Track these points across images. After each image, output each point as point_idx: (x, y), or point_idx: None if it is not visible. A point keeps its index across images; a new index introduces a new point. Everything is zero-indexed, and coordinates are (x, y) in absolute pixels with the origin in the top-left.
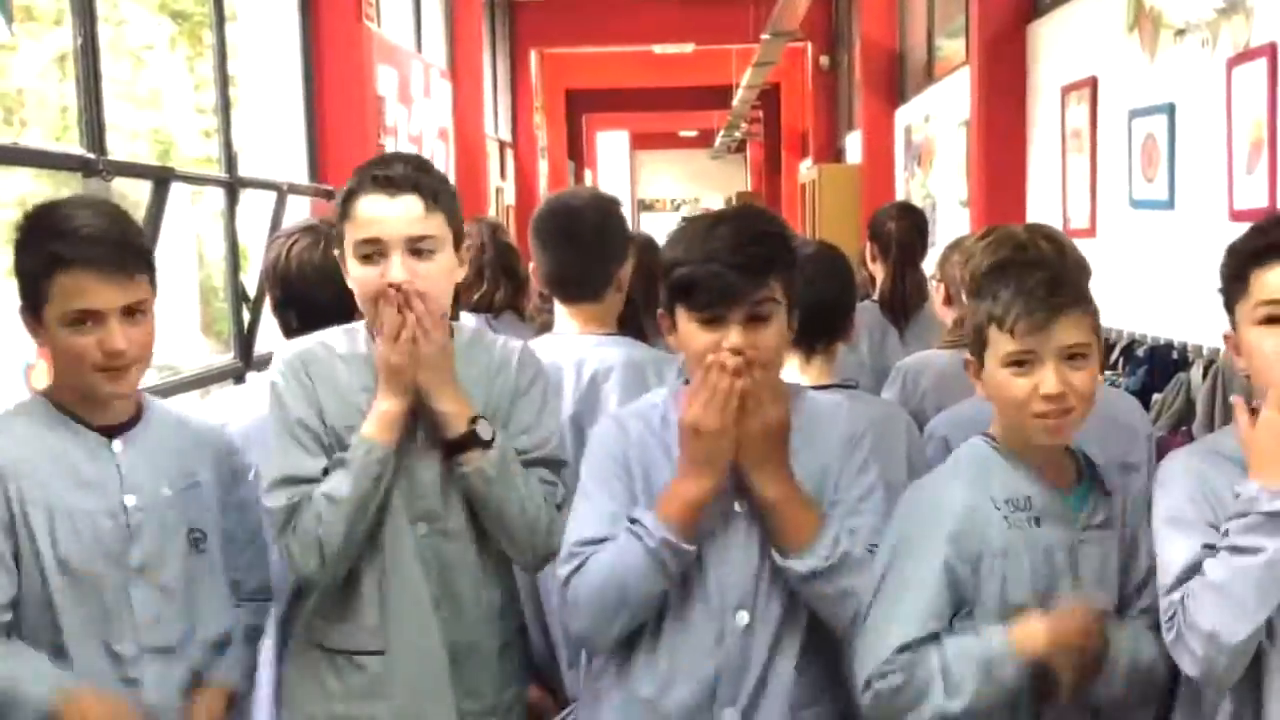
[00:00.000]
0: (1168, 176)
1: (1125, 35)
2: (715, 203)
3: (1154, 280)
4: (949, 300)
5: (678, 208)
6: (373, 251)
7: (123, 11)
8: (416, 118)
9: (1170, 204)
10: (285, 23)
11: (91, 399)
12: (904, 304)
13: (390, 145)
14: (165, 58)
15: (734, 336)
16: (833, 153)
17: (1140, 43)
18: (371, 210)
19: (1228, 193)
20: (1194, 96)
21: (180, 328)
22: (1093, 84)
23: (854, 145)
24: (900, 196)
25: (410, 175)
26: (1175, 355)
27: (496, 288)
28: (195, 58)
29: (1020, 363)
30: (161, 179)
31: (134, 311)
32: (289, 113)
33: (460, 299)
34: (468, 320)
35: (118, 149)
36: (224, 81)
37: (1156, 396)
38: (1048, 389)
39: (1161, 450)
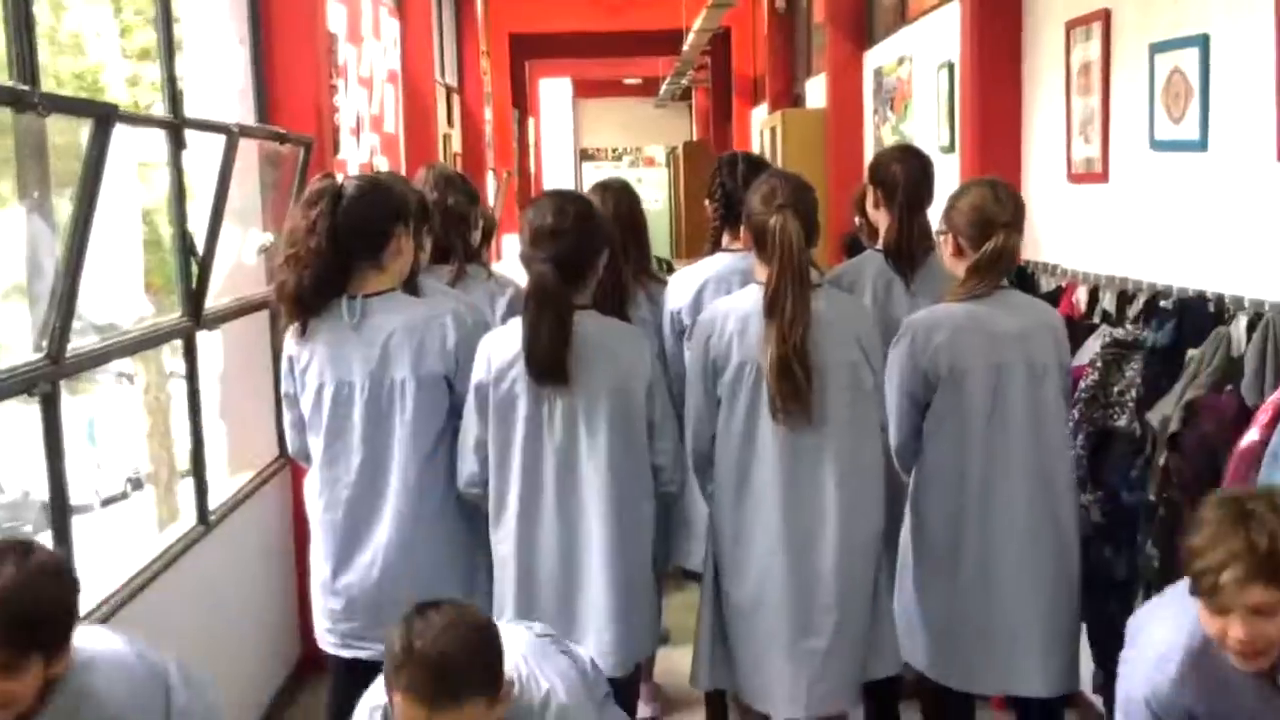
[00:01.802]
0: (1199, 115)
1: None
2: (658, 153)
3: (1181, 227)
4: (959, 251)
5: (619, 157)
6: None
7: None
8: (366, 58)
9: (1202, 144)
10: None
11: None
12: (911, 253)
13: (340, 87)
14: (84, 2)
15: None
16: (790, 98)
17: None
18: None
19: (1277, 132)
20: (1232, 27)
21: (123, 284)
22: (1105, 16)
23: (815, 90)
24: (870, 142)
25: None
26: (1211, 308)
27: (449, 241)
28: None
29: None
30: (103, 117)
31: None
32: (235, 52)
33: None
34: (434, 285)
35: None
36: (166, 14)
37: (1192, 352)
38: (1235, 637)
39: (1202, 411)
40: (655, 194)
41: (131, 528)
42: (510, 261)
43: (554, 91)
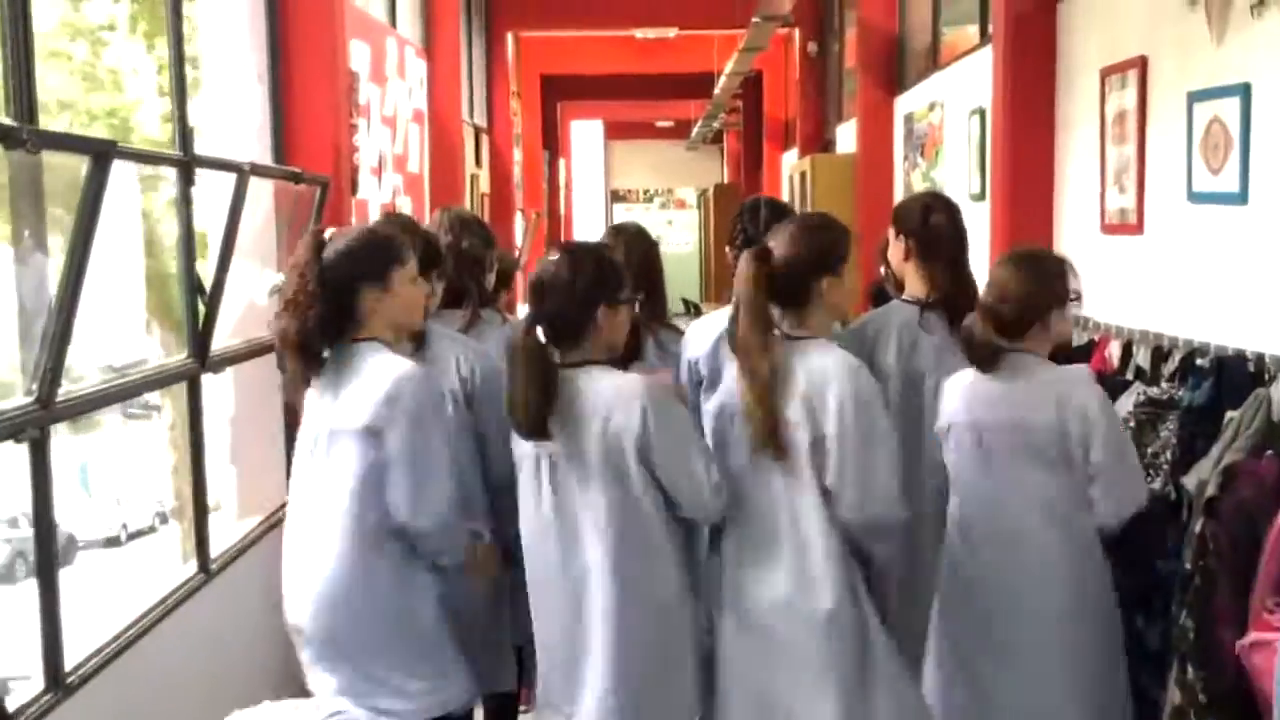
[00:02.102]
0: (1239, 167)
1: (1184, 10)
2: (689, 195)
3: (1220, 282)
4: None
5: (650, 199)
6: None
7: None
8: (390, 98)
9: (1242, 197)
10: None
11: None
12: (970, 303)
13: (363, 126)
14: (125, 38)
15: None
16: (821, 143)
17: (1206, 18)
18: None
19: None
20: (1275, 76)
21: (125, 325)
22: (1141, 64)
23: (845, 135)
24: (900, 188)
25: None
26: (1250, 368)
27: (463, 285)
28: (158, 36)
29: None
30: (101, 154)
31: None
32: (254, 90)
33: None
34: (440, 331)
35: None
36: (179, 51)
37: (1231, 413)
38: None
39: (1241, 475)
40: (686, 236)
41: (155, 562)
42: None
43: (585, 133)
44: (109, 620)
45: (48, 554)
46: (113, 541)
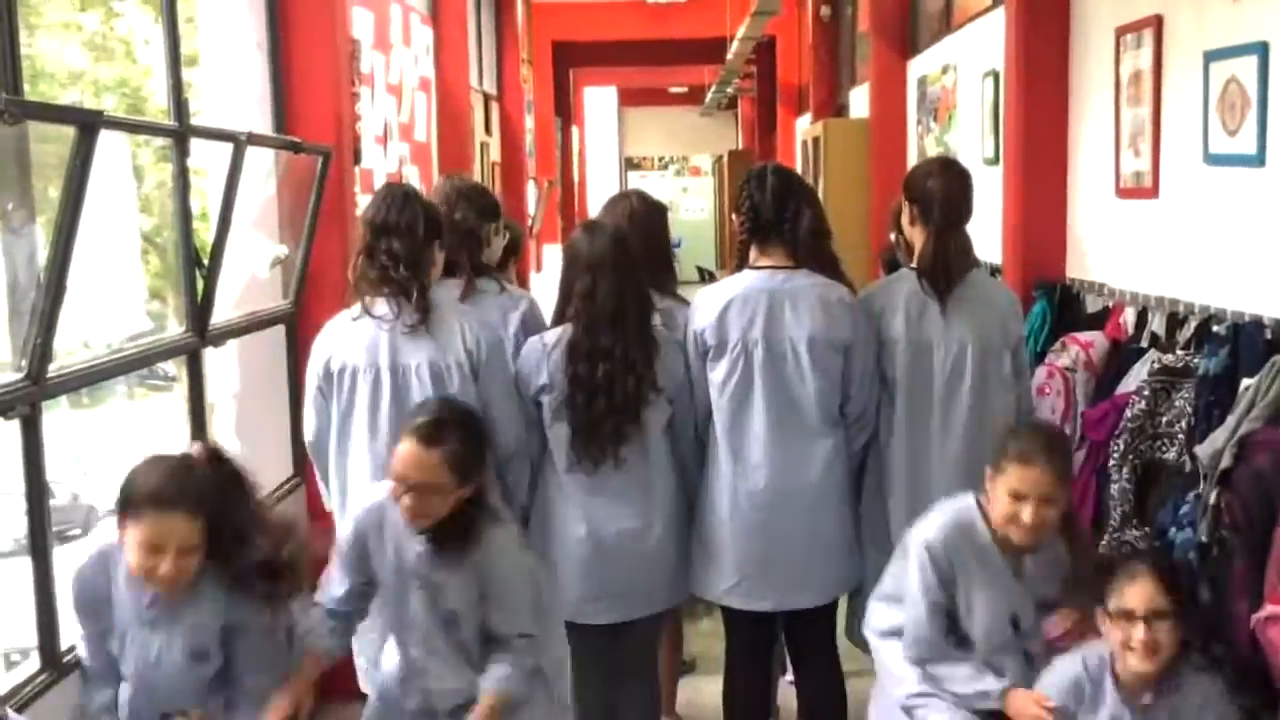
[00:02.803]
0: (1257, 128)
1: None
2: (704, 162)
3: (1236, 247)
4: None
5: (665, 166)
6: None
7: None
8: (395, 66)
9: (1260, 159)
10: None
11: None
12: (947, 273)
13: (365, 95)
14: (136, 8)
15: None
16: (834, 108)
17: None
18: None
19: None
20: None
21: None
22: (1157, 23)
23: (858, 100)
24: (913, 152)
25: None
26: (1268, 334)
27: (457, 253)
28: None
29: None
30: (87, 125)
31: None
32: (254, 59)
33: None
34: (444, 298)
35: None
36: (172, 20)
37: (1246, 381)
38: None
39: (1257, 446)
40: (701, 203)
41: None
42: (550, 271)
43: (599, 100)
44: None
45: (40, 532)
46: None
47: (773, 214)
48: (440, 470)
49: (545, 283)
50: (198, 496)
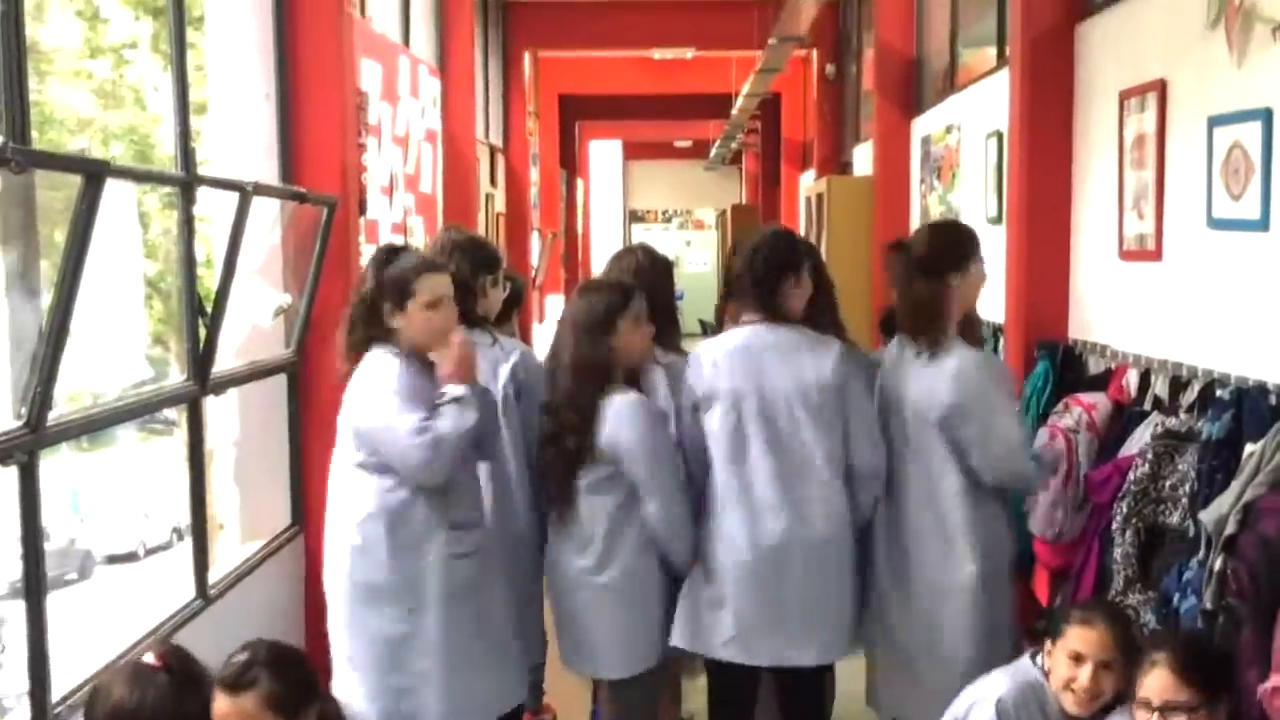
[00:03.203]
0: (1261, 193)
1: (1204, 33)
2: (708, 216)
3: (1240, 311)
4: None
5: (669, 219)
6: None
7: (103, 9)
8: (402, 117)
9: (1263, 224)
10: (260, 8)
11: None
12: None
13: (372, 145)
14: (147, 56)
15: None
16: (838, 165)
17: (1226, 41)
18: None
19: None
20: None
21: (122, 345)
22: (1161, 87)
23: (862, 157)
24: (916, 210)
25: None
26: (1272, 400)
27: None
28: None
29: None
30: (93, 174)
31: None
32: (262, 110)
33: None
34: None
35: (96, 152)
36: (181, 68)
37: (1250, 447)
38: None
39: (1262, 512)
40: (704, 256)
41: (170, 578)
42: (553, 321)
43: (604, 153)
44: (106, 645)
45: (36, 582)
46: (131, 557)
47: (771, 279)
48: (262, 715)
49: (548, 334)
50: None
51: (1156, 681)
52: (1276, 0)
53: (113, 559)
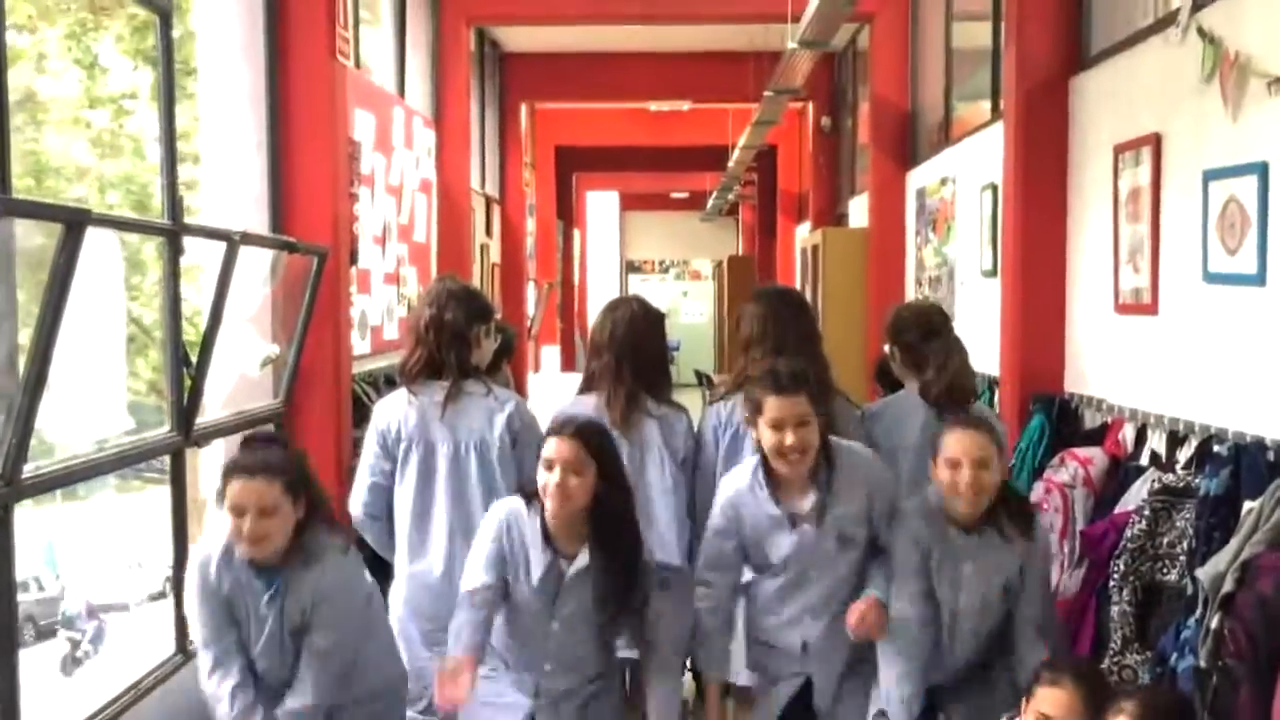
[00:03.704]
0: (1258, 247)
1: (1199, 87)
2: (705, 267)
3: (1237, 366)
4: None
5: (665, 270)
6: None
7: (102, 59)
8: (396, 167)
9: (1260, 279)
10: (253, 59)
11: None
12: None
13: (365, 196)
14: (147, 106)
15: None
16: (834, 217)
17: (1221, 95)
18: None
19: None
20: None
21: (103, 397)
22: (1155, 141)
23: (858, 209)
24: (911, 262)
25: None
26: (1270, 456)
27: (442, 358)
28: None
29: None
30: (74, 223)
31: None
32: (253, 159)
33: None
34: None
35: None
36: (169, 117)
37: (1249, 504)
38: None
39: (1261, 570)
40: (701, 307)
41: (160, 628)
42: (548, 371)
43: (601, 203)
44: (86, 699)
45: (7, 638)
46: (122, 606)
47: None
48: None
49: (542, 384)
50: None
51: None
52: (1272, 54)
53: (107, 608)
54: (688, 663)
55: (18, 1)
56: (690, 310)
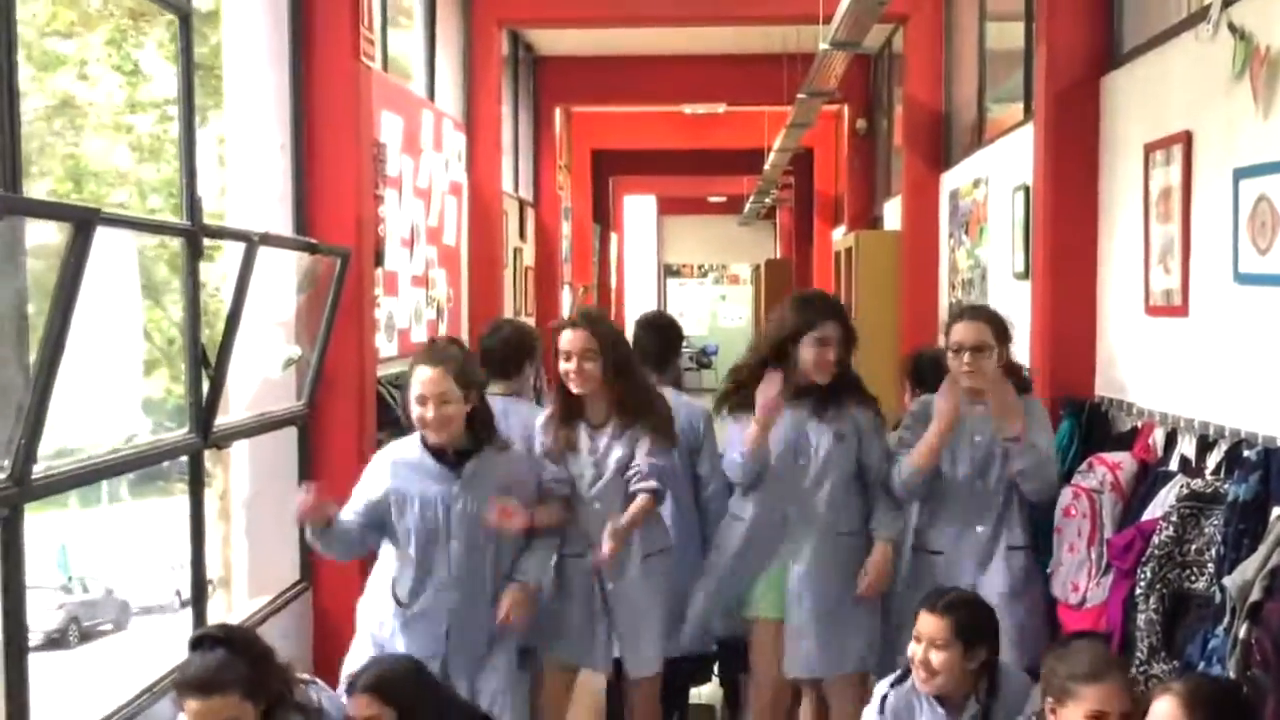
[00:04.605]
0: None
1: (1230, 84)
2: (743, 271)
3: (1268, 369)
4: None
5: (704, 274)
6: None
7: (145, 65)
8: (424, 169)
9: None
10: (278, 60)
11: None
12: None
13: (392, 198)
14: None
15: None
16: (869, 219)
17: (1252, 92)
18: None
19: None
20: None
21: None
22: (1186, 140)
23: (892, 212)
24: (945, 265)
25: None
26: None
27: None
28: (212, 109)
29: None
30: (82, 222)
31: None
32: (277, 161)
33: None
34: None
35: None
36: (189, 116)
37: (1278, 511)
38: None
39: None
40: (740, 311)
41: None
42: None
43: (638, 207)
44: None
45: (17, 641)
46: (166, 608)
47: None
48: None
49: None
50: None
51: (1162, 708)
52: None
53: (148, 610)
54: (715, 668)
55: (60, 9)
56: (728, 314)
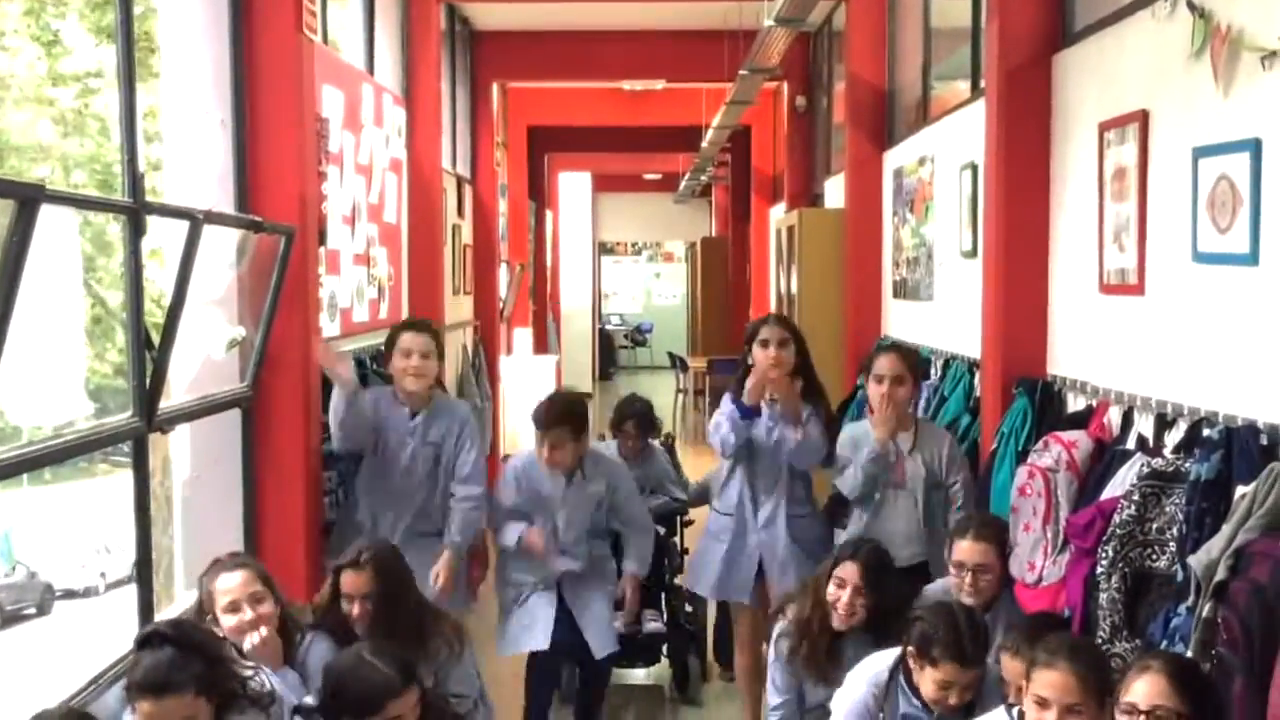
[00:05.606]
0: (1249, 226)
1: (1189, 63)
2: (678, 249)
3: (1228, 348)
4: None
5: (638, 251)
6: None
7: (65, 37)
8: (365, 146)
9: (1253, 258)
10: (217, 33)
11: None
12: None
13: (334, 174)
14: (112, 85)
15: None
16: (809, 197)
17: (1212, 70)
18: None
19: None
20: None
21: (61, 381)
22: (1143, 118)
23: (834, 190)
24: (889, 243)
25: None
26: (1263, 440)
27: None
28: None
29: None
30: (28, 199)
31: None
32: (217, 136)
33: None
34: None
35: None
36: (129, 92)
37: (1241, 489)
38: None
39: (1255, 557)
40: (674, 289)
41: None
42: (520, 353)
43: (573, 184)
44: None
45: None
46: (90, 591)
47: None
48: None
49: (514, 366)
50: None
51: (1147, 686)
52: (1265, 27)
53: (71, 593)
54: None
55: None
56: (663, 292)
